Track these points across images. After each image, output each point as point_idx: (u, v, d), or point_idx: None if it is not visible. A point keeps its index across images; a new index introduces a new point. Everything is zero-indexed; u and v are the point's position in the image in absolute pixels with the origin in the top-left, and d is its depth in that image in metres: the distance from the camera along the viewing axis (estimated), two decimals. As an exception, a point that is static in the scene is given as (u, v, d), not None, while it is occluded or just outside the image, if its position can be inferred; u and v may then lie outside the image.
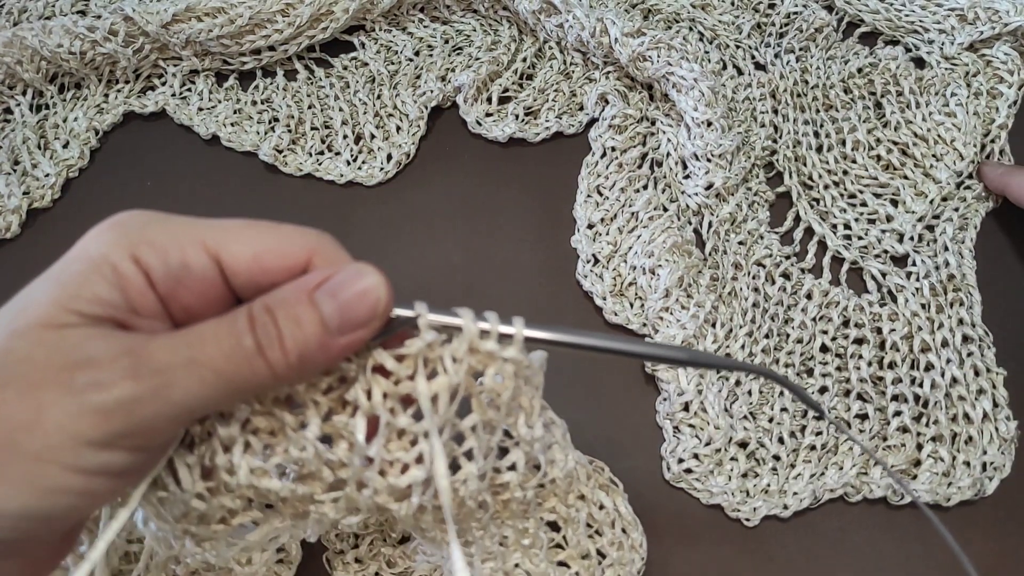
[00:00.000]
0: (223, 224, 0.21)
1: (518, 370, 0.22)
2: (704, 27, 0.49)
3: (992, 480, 0.36)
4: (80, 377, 0.18)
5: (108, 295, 0.19)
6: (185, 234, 0.20)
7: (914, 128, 0.44)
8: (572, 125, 0.45)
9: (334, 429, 0.22)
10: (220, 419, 0.21)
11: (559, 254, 0.42)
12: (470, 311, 0.22)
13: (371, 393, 0.21)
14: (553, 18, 0.46)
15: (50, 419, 0.18)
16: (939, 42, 0.47)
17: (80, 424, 0.18)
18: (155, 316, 0.20)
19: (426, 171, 0.45)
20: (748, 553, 0.35)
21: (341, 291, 0.20)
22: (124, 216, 0.21)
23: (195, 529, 0.23)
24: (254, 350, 0.19)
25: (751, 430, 0.37)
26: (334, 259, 0.21)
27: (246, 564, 0.28)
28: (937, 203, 0.42)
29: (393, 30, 0.49)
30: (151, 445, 0.20)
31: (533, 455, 0.25)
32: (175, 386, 0.19)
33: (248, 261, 0.20)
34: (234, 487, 0.22)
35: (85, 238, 0.20)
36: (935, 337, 0.39)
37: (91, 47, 0.45)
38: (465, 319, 0.21)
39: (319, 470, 0.22)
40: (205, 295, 0.20)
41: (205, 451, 0.21)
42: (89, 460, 0.19)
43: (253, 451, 0.21)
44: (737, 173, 0.42)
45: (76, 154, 0.45)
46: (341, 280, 0.20)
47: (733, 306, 0.40)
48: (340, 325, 0.20)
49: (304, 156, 0.45)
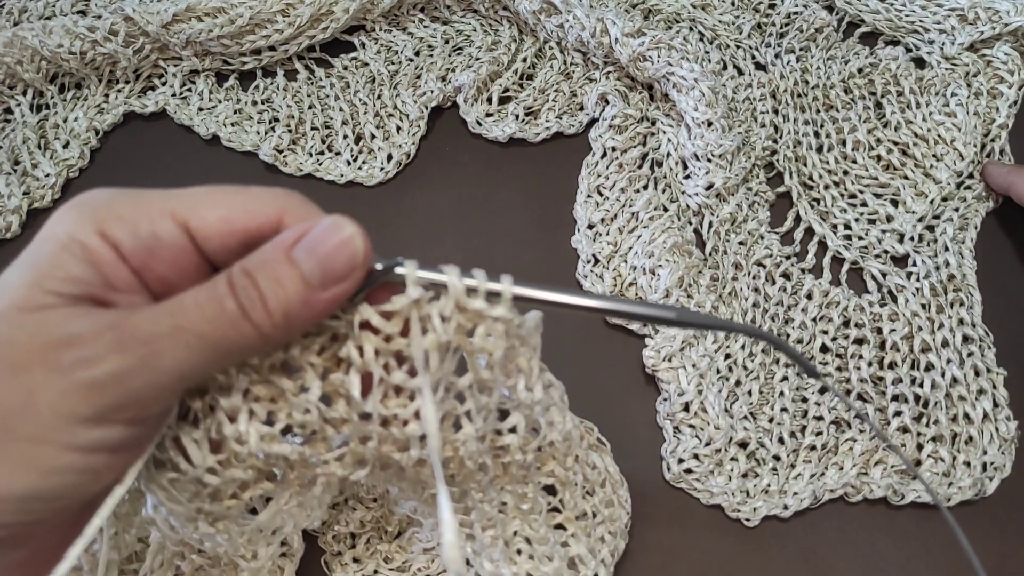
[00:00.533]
0: (189, 192, 0.21)
1: (509, 329, 0.22)
2: (704, 27, 0.49)
3: (992, 480, 0.36)
4: (66, 355, 0.18)
5: (81, 273, 0.19)
6: (152, 205, 0.20)
7: (914, 128, 0.44)
8: (572, 125, 0.45)
9: (332, 387, 0.22)
10: (221, 391, 0.21)
11: (559, 254, 0.42)
12: (456, 268, 0.21)
13: (363, 350, 0.21)
14: (553, 18, 0.46)
15: (41, 400, 0.18)
16: (939, 42, 0.47)
17: (72, 402, 0.18)
18: (132, 290, 0.20)
19: (426, 171, 0.45)
20: (748, 553, 0.35)
21: (319, 245, 0.20)
22: (88, 194, 0.20)
23: (208, 507, 0.23)
24: (238, 313, 0.19)
25: (751, 430, 0.37)
26: (305, 215, 0.21)
27: (252, 559, 0.28)
28: (937, 203, 0.42)
29: (393, 30, 0.49)
30: (145, 416, 0.20)
31: (533, 418, 0.25)
32: (163, 355, 0.19)
33: (218, 225, 0.20)
34: (245, 456, 0.22)
35: (51, 219, 0.20)
36: (935, 337, 0.39)
37: (91, 47, 0.45)
38: (450, 275, 0.21)
39: (322, 429, 0.22)
40: (179, 265, 0.20)
41: (211, 424, 0.21)
42: (85, 437, 0.19)
43: (257, 419, 0.21)
44: (737, 173, 0.42)
45: (76, 154, 0.45)
46: (318, 234, 0.20)
47: (733, 306, 0.40)
48: (322, 279, 0.20)
49: (304, 156, 0.45)
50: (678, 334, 0.38)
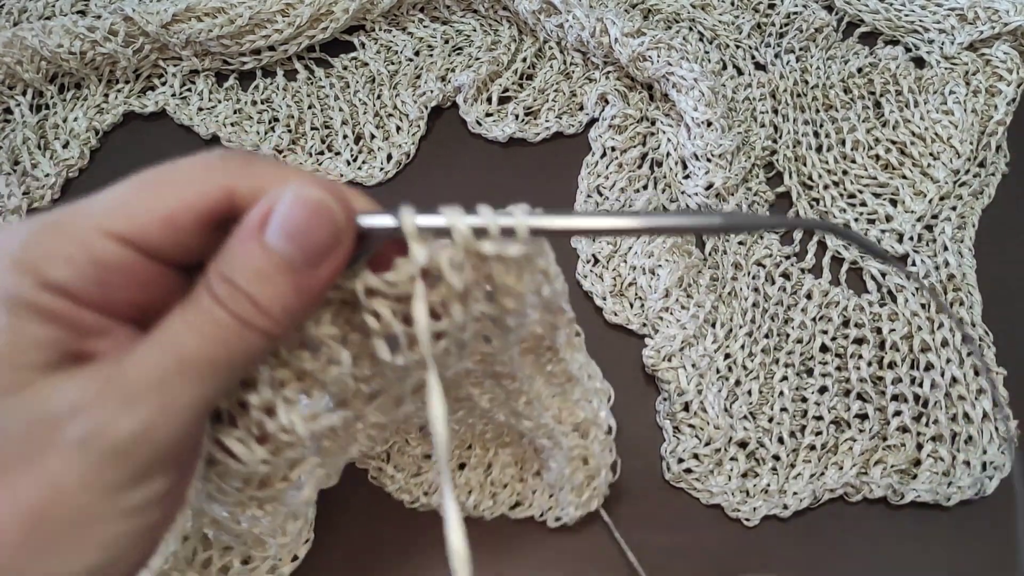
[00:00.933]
0: (112, 198, 0.18)
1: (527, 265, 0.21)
2: (704, 27, 0.49)
3: (992, 480, 0.36)
4: (72, 431, 0.16)
5: (44, 334, 0.17)
6: (77, 229, 0.17)
7: (912, 127, 0.44)
8: (572, 125, 0.45)
9: (357, 350, 0.21)
10: (247, 389, 0.20)
11: (559, 254, 0.42)
12: (459, 209, 0.19)
13: (379, 315, 0.20)
14: (553, 18, 0.46)
15: (69, 486, 0.17)
16: (939, 42, 0.47)
17: (101, 475, 0.17)
18: (105, 329, 0.18)
19: (426, 171, 0.45)
20: (748, 553, 0.35)
21: (290, 223, 0.18)
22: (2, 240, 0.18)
23: (258, 493, 0.22)
24: (236, 324, 0.17)
25: (751, 430, 0.37)
26: (255, 182, 0.18)
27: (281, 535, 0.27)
28: (936, 202, 0.42)
29: (393, 30, 0.49)
30: (182, 455, 0.18)
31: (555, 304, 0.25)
32: (177, 396, 0.17)
33: (159, 227, 0.18)
34: (293, 441, 0.21)
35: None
36: (935, 337, 0.39)
37: (91, 47, 0.45)
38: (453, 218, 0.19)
39: (357, 389, 0.21)
40: (139, 281, 0.18)
41: (249, 423, 0.20)
42: (129, 500, 0.17)
43: (292, 403, 0.20)
44: (737, 173, 0.42)
45: (76, 154, 0.45)
46: (285, 211, 0.18)
47: (733, 306, 0.40)
48: (307, 259, 0.18)
49: (304, 156, 0.45)
50: (677, 335, 0.38)
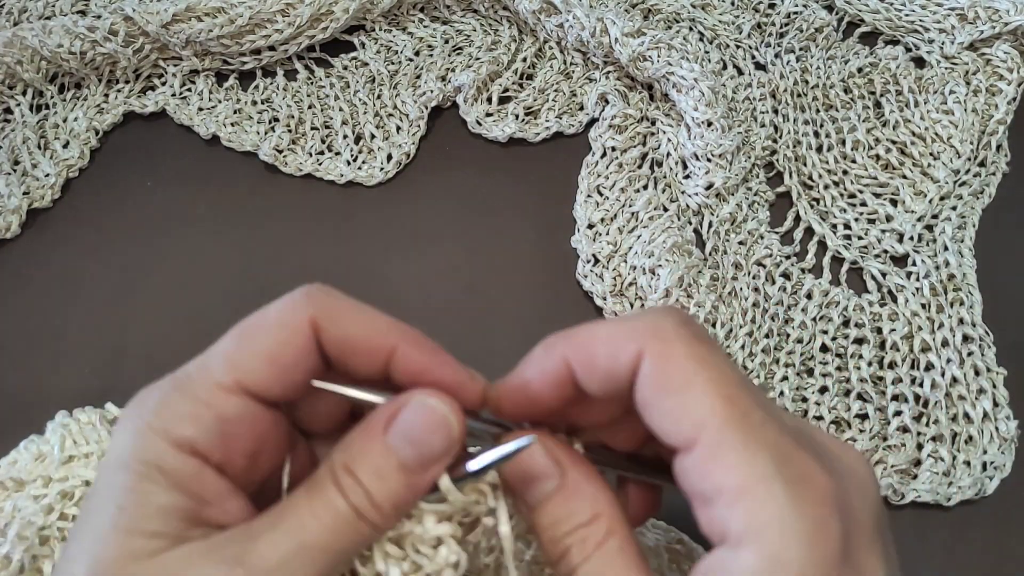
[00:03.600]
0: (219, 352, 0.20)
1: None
2: (704, 27, 0.49)
3: (992, 480, 0.36)
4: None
5: (173, 501, 0.18)
6: (201, 389, 0.19)
7: (912, 127, 0.44)
8: (572, 125, 0.45)
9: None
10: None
11: (559, 254, 0.42)
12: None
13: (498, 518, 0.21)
14: (553, 18, 0.46)
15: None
16: (939, 41, 0.47)
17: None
18: (224, 495, 0.20)
19: (426, 171, 0.45)
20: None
21: (413, 429, 0.20)
22: (138, 399, 0.20)
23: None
24: (352, 515, 0.19)
25: (751, 430, 0.37)
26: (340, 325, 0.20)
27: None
28: (936, 202, 0.42)
29: (393, 30, 0.49)
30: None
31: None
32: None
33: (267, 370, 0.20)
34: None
35: (113, 441, 0.19)
36: (935, 337, 0.39)
37: (91, 47, 0.45)
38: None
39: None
40: (256, 431, 0.20)
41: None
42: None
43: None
44: (737, 173, 0.42)
45: (76, 154, 0.44)
46: (410, 418, 0.20)
47: (733, 306, 0.40)
48: (421, 463, 0.20)
49: (304, 156, 0.45)
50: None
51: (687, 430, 0.19)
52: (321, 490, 0.19)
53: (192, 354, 0.21)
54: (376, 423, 0.20)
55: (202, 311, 0.40)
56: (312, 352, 0.20)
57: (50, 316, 0.40)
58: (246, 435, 0.20)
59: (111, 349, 0.39)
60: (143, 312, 0.40)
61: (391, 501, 0.19)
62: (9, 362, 0.39)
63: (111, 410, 0.35)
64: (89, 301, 0.41)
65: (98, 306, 0.41)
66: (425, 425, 0.20)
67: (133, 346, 0.39)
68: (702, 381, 0.19)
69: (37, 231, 0.43)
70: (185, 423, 0.19)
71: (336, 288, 0.22)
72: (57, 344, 0.40)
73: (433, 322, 0.40)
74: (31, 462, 0.31)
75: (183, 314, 0.40)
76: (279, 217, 0.43)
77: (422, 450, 0.20)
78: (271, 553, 0.18)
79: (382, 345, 0.21)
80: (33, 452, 0.32)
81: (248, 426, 0.20)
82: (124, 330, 0.40)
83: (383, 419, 0.20)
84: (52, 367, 0.39)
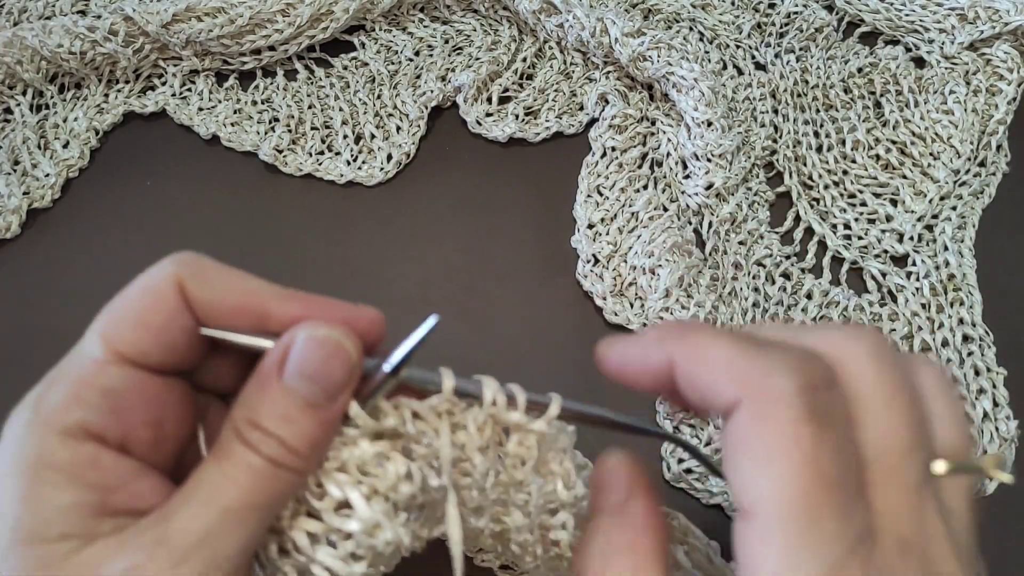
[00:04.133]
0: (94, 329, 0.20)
1: (543, 441, 0.22)
2: (704, 27, 0.49)
3: (993, 480, 0.36)
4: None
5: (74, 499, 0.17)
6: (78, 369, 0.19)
7: (912, 127, 0.44)
8: (572, 125, 0.45)
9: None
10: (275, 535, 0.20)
11: (559, 254, 0.42)
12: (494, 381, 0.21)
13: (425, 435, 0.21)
14: (553, 18, 0.46)
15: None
16: (939, 41, 0.47)
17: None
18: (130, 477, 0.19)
19: (426, 171, 0.45)
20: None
21: (308, 364, 0.19)
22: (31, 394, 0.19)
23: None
24: (270, 467, 0.18)
25: (751, 430, 0.37)
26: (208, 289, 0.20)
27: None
28: (936, 202, 0.42)
29: (393, 30, 0.49)
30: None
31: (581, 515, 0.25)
32: (223, 545, 0.18)
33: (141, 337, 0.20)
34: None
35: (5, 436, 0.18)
36: (935, 337, 0.39)
37: (91, 47, 0.45)
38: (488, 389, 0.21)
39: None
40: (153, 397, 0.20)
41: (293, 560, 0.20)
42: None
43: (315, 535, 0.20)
44: (737, 173, 0.42)
45: (76, 154, 0.44)
46: (299, 353, 0.19)
47: (733, 306, 0.40)
48: (326, 395, 0.19)
49: (304, 156, 0.45)
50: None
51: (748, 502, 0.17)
52: (230, 451, 0.19)
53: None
54: (269, 368, 0.19)
55: (202, 311, 0.40)
56: (182, 312, 0.20)
57: (50, 316, 0.40)
58: (139, 405, 0.19)
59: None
60: (143, 312, 0.40)
61: (306, 442, 0.19)
62: (9, 362, 0.39)
63: None
64: (89, 301, 0.41)
65: (98, 306, 0.40)
66: (320, 356, 0.19)
67: (133, 346, 0.39)
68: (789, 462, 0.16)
69: (37, 231, 0.43)
70: (69, 407, 0.18)
71: (336, 288, 0.22)
72: (57, 344, 0.40)
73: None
74: None
75: (183, 314, 0.40)
76: (279, 217, 0.43)
77: (323, 383, 0.19)
78: (193, 525, 0.18)
79: (253, 303, 0.20)
80: None
81: (139, 395, 0.19)
82: (124, 330, 0.40)
83: (275, 362, 0.19)
84: (52, 367, 0.39)
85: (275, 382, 0.19)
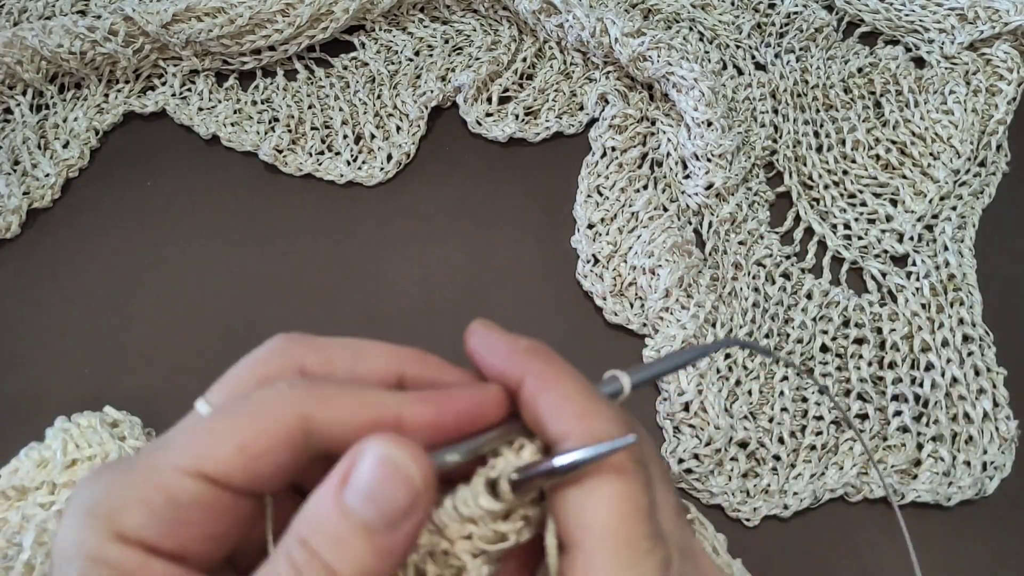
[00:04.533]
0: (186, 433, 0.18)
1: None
2: (704, 27, 0.49)
3: (992, 480, 0.36)
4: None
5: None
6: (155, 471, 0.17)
7: (912, 127, 0.45)
8: (572, 125, 0.45)
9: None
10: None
11: (559, 254, 0.42)
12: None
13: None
14: (553, 18, 0.46)
15: None
16: (939, 41, 0.47)
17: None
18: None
19: (426, 171, 0.45)
20: (748, 553, 0.35)
21: (369, 486, 0.17)
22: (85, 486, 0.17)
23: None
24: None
25: (751, 430, 0.37)
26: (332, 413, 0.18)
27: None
28: (936, 202, 0.42)
29: (393, 30, 0.49)
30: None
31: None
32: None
33: (238, 460, 0.17)
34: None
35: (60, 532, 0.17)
36: (935, 337, 0.39)
37: (91, 47, 0.45)
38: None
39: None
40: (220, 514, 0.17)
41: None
42: None
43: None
44: (737, 173, 0.42)
45: (76, 154, 0.44)
46: (366, 474, 0.17)
47: (733, 306, 0.40)
48: (387, 522, 0.17)
49: (304, 156, 0.45)
50: (677, 334, 0.38)
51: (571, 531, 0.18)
52: (275, 570, 0.17)
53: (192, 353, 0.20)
54: (330, 484, 0.17)
55: (202, 311, 0.40)
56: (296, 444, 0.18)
57: (50, 316, 0.40)
58: (206, 521, 0.17)
59: (111, 349, 0.39)
60: (143, 312, 0.40)
61: (357, 569, 0.17)
62: (9, 362, 0.39)
63: (110, 413, 0.35)
64: (89, 301, 0.41)
65: (98, 306, 0.41)
66: (383, 479, 0.17)
67: (133, 346, 0.39)
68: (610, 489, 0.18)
69: (37, 231, 0.43)
70: (132, 509, 0.17)
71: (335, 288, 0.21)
72: (57, 344, 0.40)
73: (433, 322, 0.40)
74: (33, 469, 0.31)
75: (183, 314, 0.40)
76: (279, 217, 0.43)
77: (385, 509, 0.17)
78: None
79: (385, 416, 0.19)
80: (35, 459, 0.32)
81: (209, 512, 0.17)
82: (124, 330, 0.40)
83: (337, 479, 0.17)
84: (52, 367, 0.39)
85: (334, 499, 0.17)
